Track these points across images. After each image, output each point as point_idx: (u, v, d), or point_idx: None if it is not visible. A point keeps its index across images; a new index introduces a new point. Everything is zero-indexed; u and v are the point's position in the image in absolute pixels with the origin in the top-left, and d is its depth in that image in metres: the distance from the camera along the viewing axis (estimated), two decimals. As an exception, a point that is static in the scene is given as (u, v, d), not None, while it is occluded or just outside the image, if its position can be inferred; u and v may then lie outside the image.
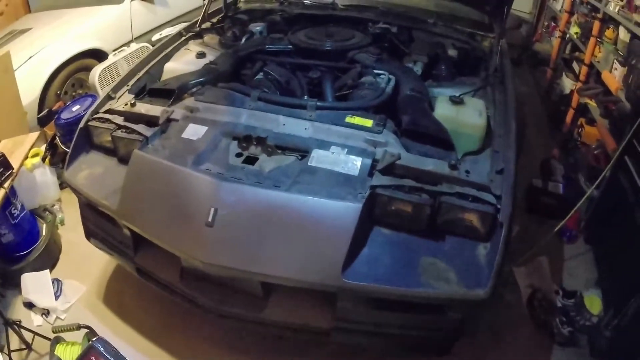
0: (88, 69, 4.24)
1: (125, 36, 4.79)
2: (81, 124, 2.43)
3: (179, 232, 1.98)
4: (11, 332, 2.46)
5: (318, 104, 2.29)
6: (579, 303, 2.66)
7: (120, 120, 2.37)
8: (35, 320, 2.71)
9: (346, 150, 2.09)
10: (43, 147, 3.72)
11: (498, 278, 1.81)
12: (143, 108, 2.40)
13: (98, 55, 4.49)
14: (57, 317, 2.73)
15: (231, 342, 2.53)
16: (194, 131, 2.21)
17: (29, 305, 2.75)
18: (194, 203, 1.94)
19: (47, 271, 2.88)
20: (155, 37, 4.82)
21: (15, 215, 2.83)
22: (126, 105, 2.43)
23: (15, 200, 2.83)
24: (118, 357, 1.90)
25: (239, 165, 2.09)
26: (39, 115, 3.99)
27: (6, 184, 2.61)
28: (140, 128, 2.29)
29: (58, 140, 3.69)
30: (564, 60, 5.25)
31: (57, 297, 2.79)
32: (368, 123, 2.20)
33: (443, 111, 2.28)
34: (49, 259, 3.06)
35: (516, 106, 2.44)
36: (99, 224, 2.45)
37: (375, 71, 2.64)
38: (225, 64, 2.71)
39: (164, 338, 2.56)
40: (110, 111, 2.45)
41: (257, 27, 3.25)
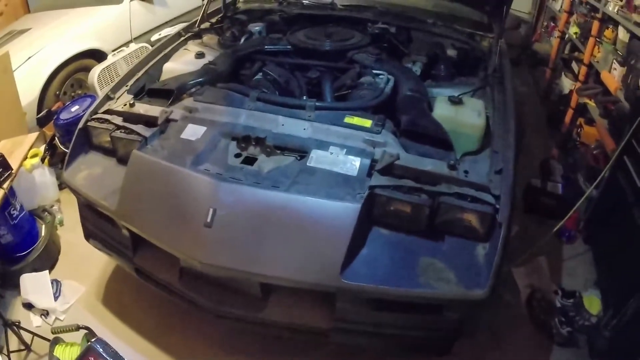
0: (87, 70, 4.24)
1: (124, 36, 4.80)
2: (80, 125, 2.43)
3: (178, 233, 1.97)
4: (10, 333, 2.46)
5: (317, 104, 2.28)
6: (578, 303, 2.67)
7: (119, 120, 2.37)
8: (34, 321, 2.71)
9: (345, 150, 2.08)
10: (42, 148, 3.71)
11: (497, 278, 1.80)
12: (142, 108, 2.40)
13: (97, 55, 4.48)
14: (56, 318, 2.73)
15: (230, 343, 2.52)
16: (193, 131, 2.21)
17: (28, 306, 2.75)
18: (193, 203, 1.94)
19: (46, 272, 2.87)
20: (154, 38, 4.81)
21: (14, 215, 2.82)
22: (125, 105, 2.43)
23: (14, 200, 2.83)
24: (117, 358, 1.91)
25: (238, 165, 2.08)
26: (38, 115, 3.99)
27: (5, 185, 2.61)
28: (139, 128, 2.28)
29: (57, 140, 3.69)
30: (563, 60, 5.25)
31: (56, 298, 2.78)
32: (367, 123, 2.19)
33: (442, 111, 2.27)
34: (48, 260, 3.05)
35: (515, 106, 2.43)
36: (98, 225, 2.45)
37: (374, 71, 2.64)
38: (224, 64, 2.71)
39: (163, 338, 2.56)
40: (109, 111, 2.45)
41: (256, 27, 3.26)
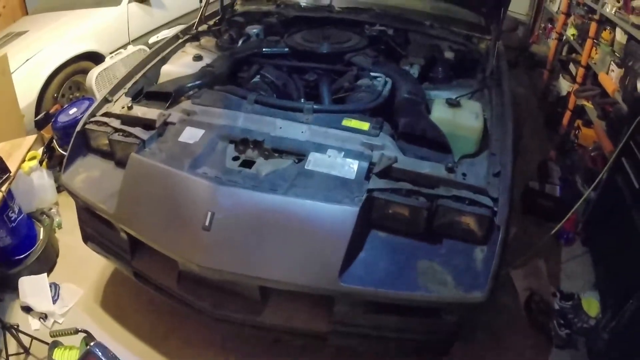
0: (85, 72, 4.23)
1: (122, 39, 4.80)
2: (78, 128, 2.43)
3: (176, 236, 1.97)
4: (9, 336, 2.46)
5: (315, 107, 2.28)
6: (577, 305, 2.67)
7: (117, 123, 2.36)
8: (33, 324, 2.70)
9: (343, 153, 2.08)
10: (40, 150, 3.72)
11: (495, 281, 1.80)
12: (140, 111, 2.39)
13: (95, 57, 4.47)
14: (55, 321, 2.72)
15: (229, 346, 2.52)
16: (191, 134, 2.21)
17: (27, 309, 2.74)
18: (191, 207, 1.94)
19: (45, 275, 2.87)
20: (152, 40, 4.80)
21: (12, 218, 2.82)
22: (123, 108, 2.42)
23: (12, 203, 2.82)
24: (116, 362, 1.91)
25: (236, 168, 2.08)
26: (36, 118, 3.99)
27: (3, 187, 2.61)
28: (137, 131, 2.28)
29: (55, 143, 3.69)
30: (561, 62, 5.24)
31: (55, 301, 2.78)
32: (365, 126, 2.19)
33: (440, 114, 2.27)
34: (47, 263, 3.05)
35: (513, 108, 2.43)
36: (96, 228, 2.45)
37: (371, 74, 2.63)
38: (222, 67, 2.71)
39: (162, 342, 2.56)
40: (107, 114, 2.44)
41: (254, 30, 3.25)
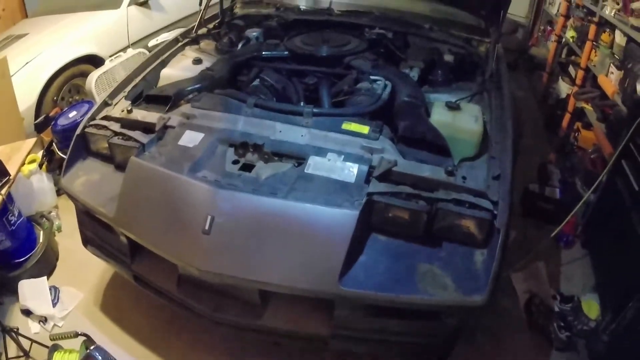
0: (85, 75, 4.24)
1: (121, 42, 4.80)
2: (78, 131, 2.42)
3: (176, 240, 1.97)
4: (9, 340, 2.46)
5: (314, 111, 2.28)
6: (577, 308, 2.67)
7: (116, 127, 2.36)
8: (32, 327, 2.70)
9: (343, 157, 2.08)
10: (40, 154, 3.72)
11: (495, 284, 1.80)
12: (139, 115, 2.39)
13: (94, 61, 4.48)
14: (55, 325, 2.72)
15: (229, 349, 2.52)
16: (191, 138, 2.21)
17: (27, 312, 2.74)
18: (191, 210, 1.94)
19: (45, 278, 2.87)
20: (151, 43, 4.80)
21: (12, 222, 2.82)
22: (123, 111, 2.42)
23: (12, 206, 2.82)
24: (115, 366, 1.91)
25: (236, 172, 2.08)
26: (36, 121, 3.98)
27: (3, 191, 2.61)
28: (136, 135, 2.28)
29: (55, 146, 3.69)
30: (560, 64, 5.25)
31: (55, 304, 2.78)
32: (364, 130, 2.19)
33: (439, 117, 2.27)
34: (46, 266, 3.05)
35: (512, 111, 2.44)
36: (96, 231, 2.44)
37: (371, 77, 2.63)
38: (221, 71, 2.71)
39: (163, 345, 2.55)
40: (106, 118, 2.44)
41: (254, 33, 3.25)
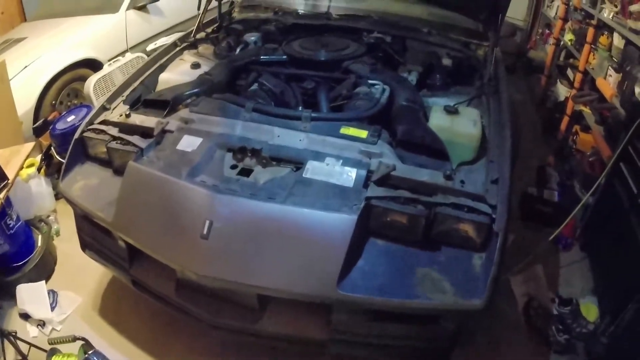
0: (83, 79, 4.23)
1: (120, 46, 4.80)
2: (76, 135, 2.42)
3: (174, 245, 1.97)
4: (7, 344, 2.45)
5: (313, 115, 2.28)
6: (575, 310, 2.67)
7: (115, 131, 2.37)
8: (31, 331, 2.70)
9: (341, 161, 2.08)
10: (38, 158, 3.71)
11: (494, 288, 1.80)
12: (138, 119, 2.39)
13: (93, 65, 4.47)
14: (53, 329, 2.71)
15: (229, 353, 2.52)
16: (189, 143, 2.21)
17: (25, 316, 2.74)
18: (189, 215, 1.94)
19: (43, 282, 2.86)
20: (150, 47, 4.80)
21: (10, 225, 2.82)
22: (121, 116, 2.42)
23: (10, 210, 2.82)
24: (113, 371, 1.91)
25: (234, 177, 2.08)
26: (35, 125, 3.98)
27: (1, 195, 2.61)
28: (135, 139, 2.28)
29: (53, 150, 3.68)
30: (559, 67, 5.26)
31: (53, 309, 2.77)
32: (363, 134, 2.19)
33: (438, 121, 2.27)
34: (45, 270, 3.04)
35: (511, 115, 2.43)
36: (95, 236, 2.44)
37: (369, 81, 2.64)
38: (220, 75, 2.71)
39: (161, 350, 2.55)
40: (105, 122, 2.44)
41: (252, 37, 3.26)
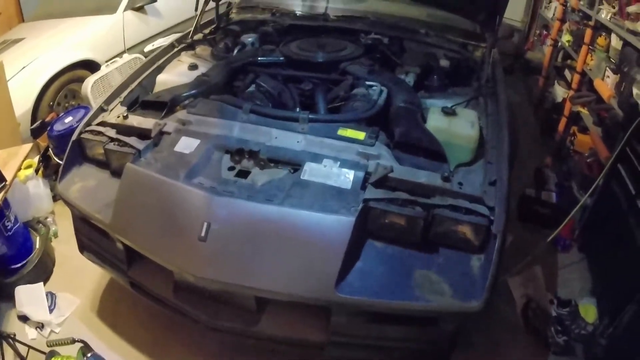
0: (81, 80, 4.22)
1: (117, 47, 4.80)
2: (74, 137, 2.42)
3: (172, 246, 1.96)
4: (6, 346, 2.44)
5: (310, 117, 2.28)
6: (574, 312, 2.67)
7: (112, 132, 2.36)
8: (29, 333, 2.70)
9: (339, 163, 2.08)
10: (36, 159, 3.70)
11: (492, 290, 1.80)
12: (135, 121, 2.39)
13: (91, 66, 4.47)
14: (52, 331, 2.71)
15: (228, 356, 2.51)
16: (186, 144, 2.21)
17: (24, 318, 2.74)
18: (187, 217, 1.93)
19: (41, 284, 2.85)
20: (147, 48, 4.80)
21: (8, 227, 2.81)
22: (119, 117, 2.42)
23: (8, 212, 2.82)
24: (112, 373, 1.90)
25: (232, 178, 2.08)
26: (32, 126, 3.97)
27: (-1, 196, 2.60)
28: (132, 141, 2.28)
29: (51, 152, 3.68)
30: (556, 68, 5.25)
31: (52, 311, 2.76)
32: (360, 136, 2.19)
33: (435, 122, 2.28)
34: (43, 272, 3.04)
35: (508, 116, 2.44)
36: (93, 237, 2.44)
37: (367, 83, 2.64)
38: (217, 76, 2.71)
39: (159, 352, 2.55)
40: (102, 124, 2.44)
41: (249, 39, 3.26)
